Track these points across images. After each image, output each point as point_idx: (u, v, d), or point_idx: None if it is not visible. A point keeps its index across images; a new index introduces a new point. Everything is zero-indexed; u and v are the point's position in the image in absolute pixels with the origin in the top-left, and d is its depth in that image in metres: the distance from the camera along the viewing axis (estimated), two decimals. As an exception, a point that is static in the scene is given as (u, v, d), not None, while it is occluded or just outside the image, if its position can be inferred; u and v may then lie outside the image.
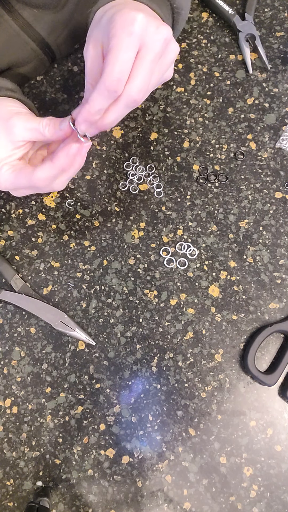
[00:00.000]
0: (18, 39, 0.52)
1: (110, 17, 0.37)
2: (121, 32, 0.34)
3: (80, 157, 0.42)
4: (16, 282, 0.53)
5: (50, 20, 0.52)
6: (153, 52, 0.36)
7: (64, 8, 0.53)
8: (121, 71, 0.35)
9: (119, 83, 0.36)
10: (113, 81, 0.35)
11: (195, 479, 0.48)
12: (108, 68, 0.35)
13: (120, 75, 0.35)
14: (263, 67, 0.58)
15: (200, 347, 0.51)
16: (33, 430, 0.50)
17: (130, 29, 0.34)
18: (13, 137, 0.41)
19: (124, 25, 0.34)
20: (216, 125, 0.57)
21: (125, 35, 0.34)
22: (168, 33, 0.37)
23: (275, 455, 0.49)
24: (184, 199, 0.55)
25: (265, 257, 0.53)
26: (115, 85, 0.35)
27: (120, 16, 0.35)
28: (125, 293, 0.53)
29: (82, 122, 0.39)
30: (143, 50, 0.36)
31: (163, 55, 0.37)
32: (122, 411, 0.50)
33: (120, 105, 0.38)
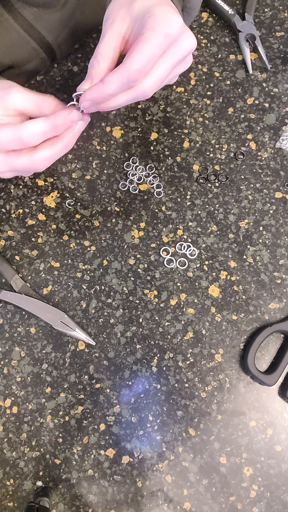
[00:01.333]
0: (19, 38, 0.52)
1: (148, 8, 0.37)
2: (160, 30, 0.35)
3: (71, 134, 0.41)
4: (16, 282, 0.53)
5: (50, 19, 0.52)
6: (176, 58, 0.37)
7: (64, 7, 0.53)
8: (146, 65, 0.35)
9: (140, 75, 0.36)
10: (135, 71, 0.35)
11: (195, 479, 0.48)
12: (136, 57, 0.35)
13: (144, 68, 0.35)
14: (263, 67, 0.58)
15: (200, 347, 0.51)
16: (33, 430, 0.50)
17: (168, 30, 0.35)
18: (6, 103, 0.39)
19: (164, 25, 0.35)
20: (216, 125, 0.57)
21: (162, 34, 0.35)
22: (194, 45, 0.38)
23: (275, 455, 0.49)
24: (184, 199, 0.55)
25: (265, 257, 0.53)
26: (136, 76, 0.36)
27: (162, 13, 0.35)
28: (125, 293, 0.53)
29: (89, 100, 0.38)
30: (169, 52, 0.37)
31: (183, 61, 0.39)
32: (122, 411, 0.50)
33: (130, 95, 0.38)
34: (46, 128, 0.39)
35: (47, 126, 0.39)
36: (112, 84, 0.36)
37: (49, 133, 0.39)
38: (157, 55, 0.36)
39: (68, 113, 0.39)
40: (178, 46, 0.37)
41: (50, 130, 0.39)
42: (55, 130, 0.39)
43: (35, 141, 0.39)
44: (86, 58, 0.60)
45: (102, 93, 0.37)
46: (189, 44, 0.37)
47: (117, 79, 0.36)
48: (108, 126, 0.58)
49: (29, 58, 0.54)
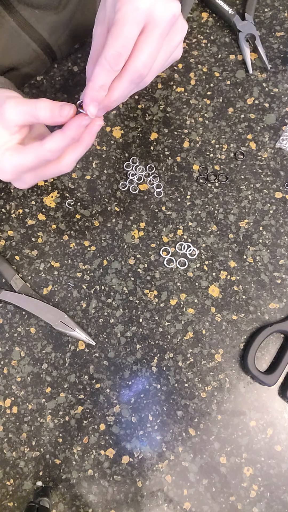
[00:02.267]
0: (20, 39, 0.52)
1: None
2: (127, 7, 0.33)
3: (90, 135, 0.41)
4: (16, 282, 0.53)
5: (51, 20, 0.52)
6: (160, 28, 0.35)
7: (65, 9, 0.53)
8: (123, 45, 0.34)
9: (120, 57, 0.34)
10: (113, 54, 0.34)
11: (195, 479, 0.48)
12: (110, 41, 0.34)
13: (122, 49, 0.34)
14: (263, 67, 0.58)
15: (200, 347, 0.51)
16: (33, 430, 0.50)
17: (136, 4, 0.33)
18: (6, 123, 0.39)
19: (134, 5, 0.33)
20: (216, 125, 0.57)
21: (130, 10, 0.33)
22: (176, 9, 0.35)
23: (275, 455, 0.49)
24: (184, 199, 0.55)
25: (265, 257, 0.53)
26: (116, 58, 0.34)
27: None
28: (125, 293, 0.53)
29: (90, 102, 0.37)
30: (149, 26, 0.35)
31: (170, 32, 0.37)
32: (122, 411, 0.50)
33: (125, 81, 0.37)
34: (65, 142, 0.39)
35: (65, 141, 0.39)
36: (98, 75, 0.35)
37: (69, 144, 0.39)
38: (133, 33, 0.34)
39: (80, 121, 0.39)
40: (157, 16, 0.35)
41: (69, 142, 0.39)
42: (73, 140, 0.39)
43: (58, 155, 0.40)
44: (86, 58, 0.59)
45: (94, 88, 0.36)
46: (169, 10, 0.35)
47: (100, 69, 0.35)
48: (108, 126, 0.58)
49: (30, 59, 0.55)
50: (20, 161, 0.39)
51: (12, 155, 0.39)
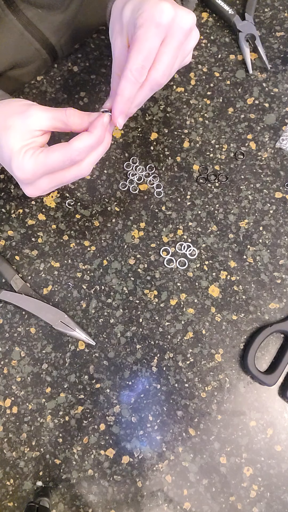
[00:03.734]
0: (22, 39, 0.52)
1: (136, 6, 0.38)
2: (149, 24, 0.36)
3: (109, 135, 0.42)
4: (16, 282, 0.53)
5: (54, 20, 0.53)
6: (177, 39, 0.37)
7: (67, 9, 0.53)
8: (146, 59, 0.36)
9: (143, 69, 0.37)
10: (138, 68, 0.37)
11: (195, 479, 0.48)
12: (134, 55, 0.36)
13: (145, 62, 0.37)
14: (263, 67, 0.58)
15: (200, 347, 0.51)
16: (33, 430, 0.50)
17: (157, 21, 0.35)
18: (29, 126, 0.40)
19: (152, 17, 0.36)
20: (216, 125, 0.57)
21: (152, 25, 0.36)
22: (192, 21, 0.38)
23: (275, 455, 0.49)
24: (184, 199, 0.55)
25: (265, 257, 0.53)
26: (140, 71, 0.37)
27: (149, 8, 0.36)
28: (125, 293, 0.53)
29: (119, 115, 0.40)
30: (168, 38, 0.37)
31: (185, 41, 0.39)
32: (122, 411, 0.50)
33: (146, 89, 0.39)
34: (93, 142, 0.39)
35: (93, 140, 0.39)
36: (125, 89, 0.38)
37: (95, 145, 0.40)
38: (154, 47, 0.37)
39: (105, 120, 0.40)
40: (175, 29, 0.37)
41: (96, 143, 0.40)
42: (99, 141, 0.40)
43: (84, 156, 0.40)
44: (86, 58, 0.60)
45: (123, 102, 0.39)
46: (185, 23, 0.37)
47: (126, 84, 0.38)
48: (108, 126, 0.58)
49: (32, 58, 0.55)
50: (44, 160, 0.39)
51: (35, 153, 0.39)
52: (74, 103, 0.58)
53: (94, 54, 0.60)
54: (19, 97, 0.58)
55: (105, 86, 0.59)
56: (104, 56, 0.60)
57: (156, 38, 0.36)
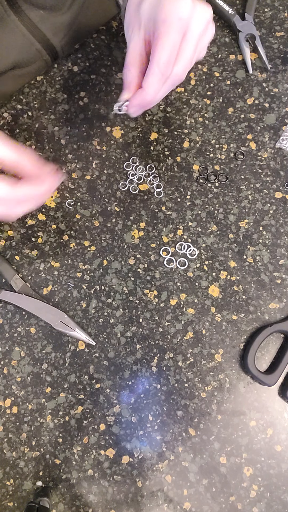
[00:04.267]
0: (24, 39, 0.52)
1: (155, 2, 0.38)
2: (171, 19, 0.36)
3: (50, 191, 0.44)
4: (16, 282, 0.53)
5: (56, 22, 0.53)
6: (197, 34, 0.38)
7: (69, 10, 0.53)
8: (172, 55, 0.37)
9: (169, 64, 0.38)
10: (164, 63, 0.37)
11: (195, 479, 0.48)
12: (161, 52, 0.37)
13: (171, 57, 0.37)
14: (263, 67, 0.58)
15: (200, 347, 0.51)
16: (33, 430, 0.50)
17: (179, 14, 0.36)
18: None
19: (174, 12, 0.36)
20: (216, 125, 0.57)
21: (175, 20, 0.36)
22: (210, 14, 0.39)
23: (275, 455, 0.49)
24: (184, 199, 0.55)
25: (265, 257, 0.53)
26: (166, 66, 0.37)
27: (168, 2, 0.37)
28: (125, 293, 0.53)
29: (135, 106, 0.41)
30: (189, 33, 0.38)
31: (204, 35, 0.39)
32: (122, 411, 0.50)
33: (169, 84, 0.40)
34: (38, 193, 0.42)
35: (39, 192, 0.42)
36: (152, 84, 0.39)
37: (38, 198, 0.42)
38: (178, 41, 0.37)
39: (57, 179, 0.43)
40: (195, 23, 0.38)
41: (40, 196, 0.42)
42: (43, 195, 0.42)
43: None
44: (86, 58, 0.60)
45: (146, 97, 0.40)
46: (204, 16, 0.38)
47: (154, 80, 0.38)
48: (108, 126, 0.58)
49: (32, 59, 0.55)
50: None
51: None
52: (74, 103, 0.58)
53: (94, 54, 0.60)
54: (19, 97, 0.58)
55: (105, 86, 0.59)
56: (104, 56, 0.60)
57: (179, 33, 0.37)
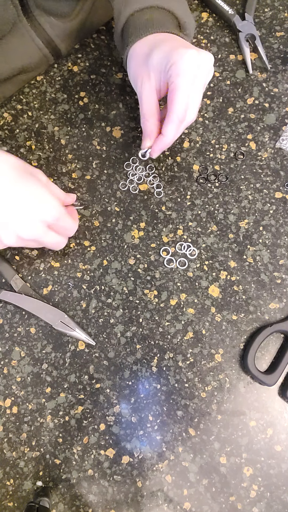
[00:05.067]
0: (33, 44, 0.54)
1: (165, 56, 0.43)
2: (184, 71, 0.41)
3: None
4: (16, 282, 0.53)
5: (64, 28, 0.55)
6: (203, 79, 0.44)
7: (77, 17, 0.56)
8: (187, 103, 0.43)
9: (185, 112, 0.44)
10: (182, 112, 0.43)
11: (195, 479, 0.48)
12: (179, 103, 0.43)
13: (186, 106, 0.43)
14: (263, 67, 0.58)
15: (200, 347, 0.51)
16: (33, 430, 0.50)
17: (190, 67, 0.41)
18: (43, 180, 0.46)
19: (186, 64, 0.41)
20: (216, 125, 0.57)
21: (187, 73, 0.42)
22: (211, 60, 0.44)
23: (275, 455, 0.49)
24: (184, 199, 0.55)
25: (265, 257, 0.53)
26: (183, 115, 0.44)
27: (179, 58, 0.41)
28: (125, 293, 0.53)
29: (158, 151, 0.47)
30: (197, 80, 0.43)
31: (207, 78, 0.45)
32: (122, 411, 0.50)
33: (182, 128, 0.46)
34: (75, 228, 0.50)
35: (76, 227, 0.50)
36: (171, 132, 0.44)
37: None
38: (190, 91, 0.43)
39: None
40: (201, 70, 0.43)
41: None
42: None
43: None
44: (86, 58, 0.60)
45: (166, 142, 0.46)
46: (208, 64, 0.43)
47: (173, 127, 0.44)
48: (108, 126, 0.58)
49: (38, 64, 0.57)
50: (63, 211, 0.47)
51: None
52: (74, 103, 0.58)
53: (94, 54, 0.60)
54: (19, 97, 0.58)
55: (105, 86, 0.59)
56: (104, 56, 0.60)
57: (190, 83, 0.42)
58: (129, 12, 0.47)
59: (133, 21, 0.47)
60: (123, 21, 0.48)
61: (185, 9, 0.50)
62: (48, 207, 0.43)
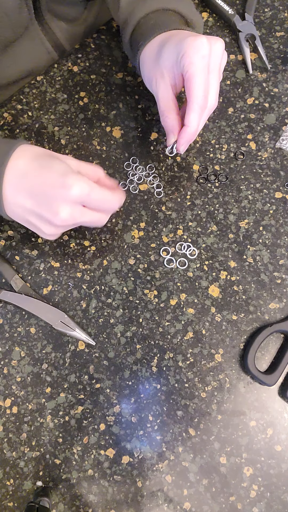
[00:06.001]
0: (42, 48, 0.55)
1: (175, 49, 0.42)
2: (196, 58, 0.41)
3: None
4: (16, 282, 0.53)
5: (72, 31, 0.57)
6: (218, 64, 0.43)
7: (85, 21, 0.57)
8: (205, 89, 0.42)
9: (205, 100, 0.43)
10: (202, 99, 0.42)
11: (195, 479, 0.48)
12: (197, 91, 0.42)
13: (205, 92, 0.42)
14: (263, 67, 0.58)
15: (200, 347, 0.51)
16: (33, 430, 0.50)
17: (202, 53, 0.41)
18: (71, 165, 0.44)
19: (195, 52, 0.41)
20: (216, 125, 0.57)
21: (199, 59, 0.41)
22: (223, 44, 0.43)
23: (275, 455, 0.49)
24: (184, 199, 0.55)
25: (265, 257, 0.53)
26: (204, 102, 0.43)
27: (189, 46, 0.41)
28: (125, 293, 0.53)
29: (184, 143, 0.45)
30: (211, 65, 0.42)
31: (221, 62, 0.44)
32: (122, 411, 0.50)
33: (206, 115, 0.45)
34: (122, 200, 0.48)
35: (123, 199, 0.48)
36: (194, 120, 0.43)
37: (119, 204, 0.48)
38: (206, 76, 0.42)
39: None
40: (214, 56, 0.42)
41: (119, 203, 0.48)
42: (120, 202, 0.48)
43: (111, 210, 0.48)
44: (86, 58, 0.60)
45: (191, 132, 0.44)
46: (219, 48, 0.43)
47: (195, 115, 0.43)
48: (108, 126, 0.58)
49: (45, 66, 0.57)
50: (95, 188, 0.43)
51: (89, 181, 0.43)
52: (74, 103, 0.58)
53: (94, 54, 0.60)
54: (19, 97, 0.58)
55: (105, 86, 0.59)
56: (104, 56, 0.60)
57: (205, 70, 0.42)
58: (135, 20, 0.48)
59: (140, 28, 0.48)
60: (130, 31, 0.49)
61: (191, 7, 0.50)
62: (72, 185, 0.40)
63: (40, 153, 0.43)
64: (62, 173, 0.41)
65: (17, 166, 0.42)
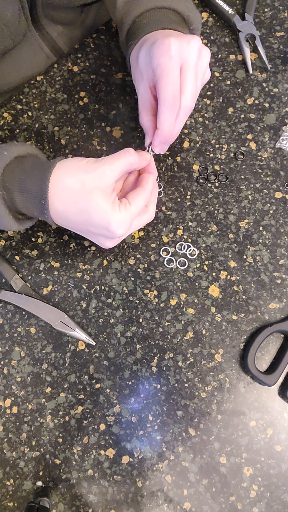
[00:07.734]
0: (41, 53, 0.55)
1: (147, 51, 0.42)
2: (163, 60, 0.40)
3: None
4: (16, 282, 0.53)
5: (70, 35, 0.57)
6: (192, 63, 0.41)
7: (83, 25, 0.57)
8: (174, 89, 0.41)
9: (175, 99, 0.41)
10: (169, 101, 0.41)
11: (195, 479, 0.48)
12: (164, 92, 0.41)
13: (174, 93, 0.41)
14: (263, 67, 0.58)
15: (200, 347, 0.51)
16: (33, 430, 0.50)
17: (168, 54, 0.40)
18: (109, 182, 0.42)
19: (162, 53, 0.40)
20: (216, 125, 0.57)
21: (166, 60, 0.40)
22: (198, 42, 0.41)
23: (275, 455, 0.49)
24: (184, 199, 0.55)
25: (265, 257, 0.53)
26: (173, 103, 0.41)
27: (156, 47, 0.40)
28: (125, 293, 0.53)
29: (158, 145, 0.45)
30: (184, 65, 0.41)
31: (199, 61, 0.42)
32: (122, 411, 0.50)
33: (182, 117, 0.43)
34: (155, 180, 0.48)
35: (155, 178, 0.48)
36: (165, 123, 0.42)
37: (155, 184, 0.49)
38: (176, 77, 0.40)
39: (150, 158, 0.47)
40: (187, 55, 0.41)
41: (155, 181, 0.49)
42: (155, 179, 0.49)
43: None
44: (86, 58, 0.60)
45: (164, 135, 0.43)
46: (192, 46, 0.41)
47: (165, 117, 0.42)
48: (108, 126, 0.58)
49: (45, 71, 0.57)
50: (135, 210, 0.43)
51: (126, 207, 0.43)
52: (74, 103, 0.58)
53: (94, 54, 0.60)
54: (19, 97, 0.58)
55: (105, 86, 0.59)
56: (104, 56, 0.60)
57: (175, 69, 0.40)
58: (131, 20, 0.47)
59: (133, 28, 0.47)
60: (125, 30, 0.48)
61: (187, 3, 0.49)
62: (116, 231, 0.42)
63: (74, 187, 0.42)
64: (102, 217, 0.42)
65: (57, 211, 0.43)
